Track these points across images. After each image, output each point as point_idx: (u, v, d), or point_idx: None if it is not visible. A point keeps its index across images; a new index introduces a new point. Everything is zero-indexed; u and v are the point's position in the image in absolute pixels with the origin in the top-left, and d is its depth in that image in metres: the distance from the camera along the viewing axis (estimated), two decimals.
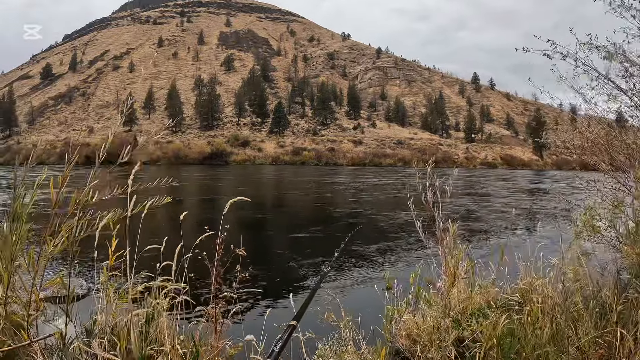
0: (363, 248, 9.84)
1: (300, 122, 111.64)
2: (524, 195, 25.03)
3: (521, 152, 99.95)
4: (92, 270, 3.10)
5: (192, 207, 17.82)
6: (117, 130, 2.11)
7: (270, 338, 2.55)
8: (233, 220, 13.29)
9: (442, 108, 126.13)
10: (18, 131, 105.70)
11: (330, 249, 3.39)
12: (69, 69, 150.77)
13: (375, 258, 9.05)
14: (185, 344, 2.54)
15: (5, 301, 2.09)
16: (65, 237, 1.94)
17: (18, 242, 1.94)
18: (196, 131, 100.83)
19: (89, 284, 5.52)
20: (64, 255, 2.22)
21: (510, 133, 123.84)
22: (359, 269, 8.19)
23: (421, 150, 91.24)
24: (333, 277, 7.58)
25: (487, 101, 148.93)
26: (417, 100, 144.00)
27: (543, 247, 4.84)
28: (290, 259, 8.78)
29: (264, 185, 33.69)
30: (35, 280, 1.93)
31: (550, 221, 7.91)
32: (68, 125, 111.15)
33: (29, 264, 1.93)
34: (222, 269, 2.65)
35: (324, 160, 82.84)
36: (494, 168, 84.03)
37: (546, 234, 6.85)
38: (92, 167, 2.09)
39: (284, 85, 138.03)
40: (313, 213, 17.46)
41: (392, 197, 23.40)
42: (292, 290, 6.76)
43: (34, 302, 2.05)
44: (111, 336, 2.43)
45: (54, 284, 2.22)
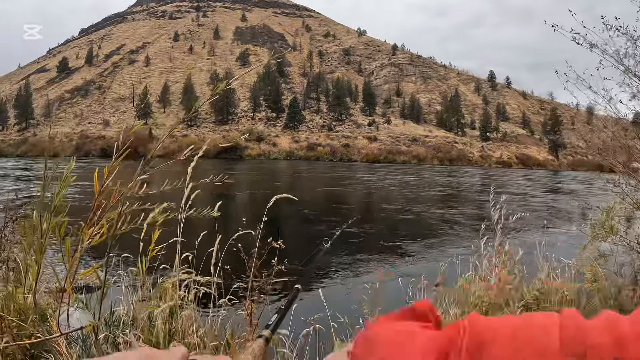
0: (416, 242, 10.13)
1: (315, 117, 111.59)
2: (557, 196, 24.83)
3: (537, 152, 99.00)
4: (119, 263, 3.24)
5: (236, 201, 18.04)
6: (132, 124, 2.01)
7: (297, 332, 2.68)
8: (285, 215, 13.46)
9: (457, 106, 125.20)
10: (34, 124, 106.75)
11: (376, 245, 3.42)
12: (85, 63, 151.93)
13: (423, 253, 9.24)
14: (218, 336, 2.57)
15: (35, 292, 2.10)
16: (105, 228, 1.92)
17: (48, 233, 1.90)
18: (211, 125, 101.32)
19: (113, 276, 5.56)
20: (96, 248, 2.16)
21: (526, 132, 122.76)
22: (405, 263, 8.38)
23: (436, 148, 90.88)
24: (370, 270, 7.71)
25: (503, 99, 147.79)
26: (432, 98, 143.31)
27: (569, 246, 4.87)
28: (338, 255, 8.82)
29: (301, 180, 33.63)
30: (69, 272, 1.91)
31: (579, 220, 7.93)
32: (84, 118, 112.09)
33: (64, 254, 1.87)
34: (258, 261, 2.67)
35: (338, 156, 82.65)
36: (508, 167, 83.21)
37: (575, 234, 6.89)
38: (111, 159, 1.96)
39: (299, 80, 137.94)
40: (365, 210, 17.73)
41: (433, 193, 23.65)
42: (326, 285, 6.85)
43: (66, 293, 2.04)
44: (138, 330, 2.44)
45: (87, 275, 2.16)
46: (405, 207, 17.45)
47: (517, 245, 4.58)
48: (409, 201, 20.09)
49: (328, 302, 3.30)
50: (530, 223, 13.29)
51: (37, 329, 2.21)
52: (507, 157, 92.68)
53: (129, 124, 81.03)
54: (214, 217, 2.44)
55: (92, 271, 2.06)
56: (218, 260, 2.77)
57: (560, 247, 5.34)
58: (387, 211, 16.46)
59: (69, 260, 1.85)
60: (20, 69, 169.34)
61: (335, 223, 11.77)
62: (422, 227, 12.90)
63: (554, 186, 33.05)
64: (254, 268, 2.63)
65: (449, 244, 10.08)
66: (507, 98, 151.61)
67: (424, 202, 19.65)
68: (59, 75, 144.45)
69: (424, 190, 25.41)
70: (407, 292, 3.97)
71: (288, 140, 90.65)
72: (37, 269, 1.96)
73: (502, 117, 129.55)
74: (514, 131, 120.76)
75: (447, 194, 23.40)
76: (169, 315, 2.52)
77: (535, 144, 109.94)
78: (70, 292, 2.05)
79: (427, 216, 15.19)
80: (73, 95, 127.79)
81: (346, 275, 7.67)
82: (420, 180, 35.09)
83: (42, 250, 1.90)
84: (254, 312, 2.58)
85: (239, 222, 3.06)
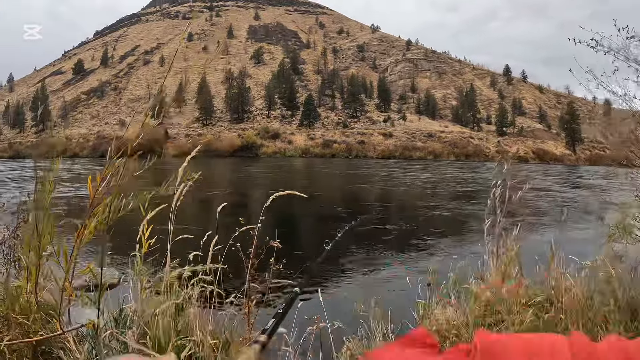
0: (446, 238, 10.47)
1: (330, 114, 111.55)
2: (583, 191, 24.74)
3: (553, 147, 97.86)
4: (126, 261, 3.16)
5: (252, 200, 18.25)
6: (147, 123, 2.14)
7: (300, 332, 2.67)
8: (322, 215, 13.86)
9: (473, 101, 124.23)
10: (51, 125, 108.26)
11: (404, 242, 3.56)
12: (101, 64, 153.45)
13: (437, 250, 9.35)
14: (216, 334, 2.57)
15: (35, 291, 2.13)
16: (95, 220, 1.96)
17: (46, 232, 1.92)
18: (226, 124, 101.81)
19: (121, 273, 5.69)
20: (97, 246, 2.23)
21: (543, 126, 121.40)
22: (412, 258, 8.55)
23: (452, 143, 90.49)
24: (368, 267, 7.88)
25: (519, 94, 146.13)
26: (447, 93, 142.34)
27: (587, 244, 4.99)
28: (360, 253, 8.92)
29: (328, 178, 33.60)
30: (68, 270, 1.94)
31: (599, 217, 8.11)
32: (100, 119, 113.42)
33: (58, 253, 1.93)
34: (256, 260, 2.69)
35: (354, 152, 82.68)
36: (525, 162, 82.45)
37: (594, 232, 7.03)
38: (124, 159, 2.11)
39: (313, 78, 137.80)
40: (401, 207, 18.21)
41: (462, 190, 23.94)
42: (346, 284, 6.92)
43: (65, 291, 2.07)
44: (143, 326, 2.47)
45: (84, 274, 2.19)
46: (439, 204, 17.74)
47: (533, 242, 4.68)
48: (442, 198, 20.38)
49: (333, 301, 3.31)
50: (554, 219, 13.51)
51: (42, 326, 2.26)
52: (523, 152, 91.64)
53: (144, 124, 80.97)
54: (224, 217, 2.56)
55: (88, 270, 2.12)
56: (219, 259, 2.80)
57: (579, 244, 5.41)
58: (423, 208, 16.65)
59: (66, 260, 1.90)
60: (36, 72, 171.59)
61: (377, 221, 11.93)
62: (456, 224, 13.11)
63: (578, 181, 32.70)
64: (250, 268, 2.66)
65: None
66: (523, 92, 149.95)
67: (456, 199, 19.79)
68: (75, 77, 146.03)
69: (452, 187, 25.59)
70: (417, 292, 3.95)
71: (303, 138, 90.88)
72: (35, 269, 1.99)
73: (519, 112, 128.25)
74: (530, 126, 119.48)
75: (475, 190, 23.47)
76: (174, 312, 2.54)
77: (552, 138, 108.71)
78: (69, 291, 2.10)
79: (458, 212, 15.39)
80: (89, 96, 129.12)
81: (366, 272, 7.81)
82: (444, 176, 35.18)
83: (39, 251, 1.94)
84: (251, 311, 2.64)
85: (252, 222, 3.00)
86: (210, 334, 2.49)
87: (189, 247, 2.89)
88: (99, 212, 1.99)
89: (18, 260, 3.03)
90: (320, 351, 2.79)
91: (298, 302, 2.84)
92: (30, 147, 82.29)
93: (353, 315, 3.39)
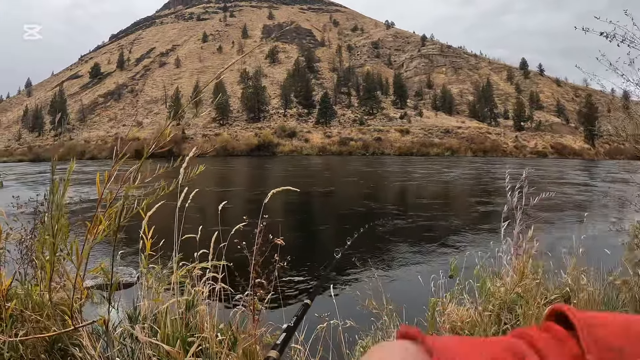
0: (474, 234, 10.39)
1: (346, 112, 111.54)
2: (618, 185, 24.54)
3: (572, 141, 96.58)
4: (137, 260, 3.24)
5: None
6: (164, 124, 2.08)
7: (310, 329, 2.65)
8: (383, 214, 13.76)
9: (489, 95, 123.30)
10: (70, 128, 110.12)
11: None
12: (117, 67, 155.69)
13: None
14: (223, 331, 2.58)
15: (49, 288, 2.17)
16: (105, 225, 1.95)
17: (60, 232, 1.95)
18: (243, 123, 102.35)
19: (138, 272, 5.65)
20: (118, 246, 2.23)
21: (561, 120, 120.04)
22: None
23: (469, 139, 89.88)
24: (381, 264, 7.83)
25: (537, 87, 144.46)
26: (464, 88, 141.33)
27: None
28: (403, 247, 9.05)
29: (365, 176, 33.11)
30: (79, 267, 1.96)
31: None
32: (118, 121, 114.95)
33: (72, 253, 1.93)
34: (260, 258, 2.67)
35: (371, 150, 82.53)
36: (544, 157, 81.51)
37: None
38: (145, 160, 2.13)
39: (329, 75, 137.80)
40: (456, 204, 18.40)
41: (499, 185, 23.97)
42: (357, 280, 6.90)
43: (78, 290, 2.09)
44: (152, 324, 2.52)
45: (96, 272, 2.22)
46: (487, 200, 17.87)
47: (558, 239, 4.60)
48: (490, 194, 20.38)
49: (344, 298, 3.23)
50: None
51: (55, 323, 2.33)
52: (542, 146, 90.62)
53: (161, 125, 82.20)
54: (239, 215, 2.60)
55: (99, 269, 2.16)
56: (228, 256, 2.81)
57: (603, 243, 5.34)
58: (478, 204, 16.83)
59: (78, 257, 1.91)
60: (54, 76, 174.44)
61: (430, 217, 11.92)
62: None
63: (609, 175, 32.24)
64: (254, 265, 2.66)
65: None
66: (541, 86, 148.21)
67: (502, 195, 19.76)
68: (92, 81, 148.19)
69: (491, 184, 25.54)
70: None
71: (320, 136, 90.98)
72: (50, 266, 2.02)
73: (536, 106, 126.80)
74: (548, 120, 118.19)
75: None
76: (185, 309, 2.59)
77: (570, 132, 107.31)
78: (82, 289, 2.13)
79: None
80: (106, 99, 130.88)
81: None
82: (478, 172, 35.18)
83: (53, 249, 1.97)
84: (256, 309, 2.62)
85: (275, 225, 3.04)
86: (217, 330, 2.53)
87: (202, 245, 2.91)
88: (112, 212, 1.98)
89: (35, 260, 3.04)
90: (330, 349, 2.76)
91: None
92: (48, 149, 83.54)
93: (365, 313, 3.36)
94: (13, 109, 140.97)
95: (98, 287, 2.88)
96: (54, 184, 2.03)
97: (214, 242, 2.88)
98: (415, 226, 11.94)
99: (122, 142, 2.00)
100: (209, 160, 59.86)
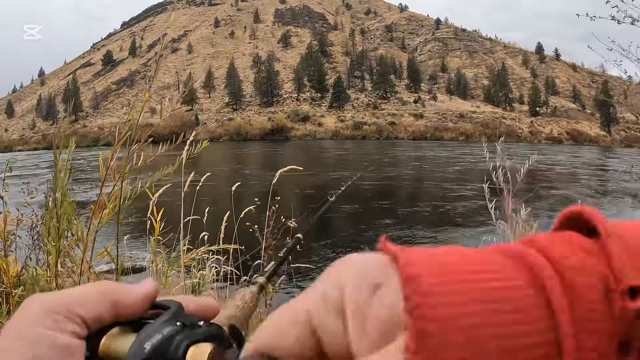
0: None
1: (360, 96, 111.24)
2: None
3: (588, 127, 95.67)
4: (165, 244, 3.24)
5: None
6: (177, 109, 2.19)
7: None
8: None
9: (505, 80, 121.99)
10: (84, 115, 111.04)
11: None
12: (129, 54, 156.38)
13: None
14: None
15: (55, 273, 2.17)
16: (110, 208, 2.00)
17: (64, 217, 1.96)
18: (256, 108, 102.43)
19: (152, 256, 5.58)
20: (128, 231, 2.31)
21: (577, 106, 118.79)
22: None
23: (484, 124, 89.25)
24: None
25: (552, 72, 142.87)
26: (479, 72, 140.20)
27: None
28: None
29: (397, 161, 33.27)
30: (85, 250, 1.98)
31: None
32: (131, 107, 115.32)
33: (80, 238, 1.97)
34: (272, 241, 2.74)
35: (384, 134, 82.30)
36: (559, 143, 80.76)
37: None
38: (158, 146, 2.24)
39: (342, 59, 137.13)
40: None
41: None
42: None
43: (84, 274, 2.13)
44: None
45: (101, 256, 2.23)
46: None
47: None
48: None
49: None
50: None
51: None
52: (557, 132, 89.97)
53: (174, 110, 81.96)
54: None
55: (105, 253, 2.19)
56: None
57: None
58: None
59: (83, 243, 1.95)
60: (66, 65, 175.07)
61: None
62: None
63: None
64: (264, 246, 2.73)
65: None
66: (557, 71, 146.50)
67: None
68: (105, 68, 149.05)
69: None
70: None
71: (334, 120, 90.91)
72: (55, 251, 2.02)
73: (552, 91, 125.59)
74: (564, 105, 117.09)
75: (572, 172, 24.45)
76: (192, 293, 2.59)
77: (586, 118, 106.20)
78: (88, 274, 2.18)
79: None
80: (119, 86, 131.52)
81: None
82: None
83: (58, 233, 1.97)
84: (268, 292, 2.65)
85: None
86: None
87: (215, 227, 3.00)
88: (116, 194, 2.09)
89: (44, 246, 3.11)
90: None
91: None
92: (52, 136, 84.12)
93: None
94: (27, 98, 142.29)
95: (111, 273, 2.92)
96: (57, 168, 2.08)
97: (225, 223, 2.98)
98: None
99: (131, 128, 2.15)
100: (222, 145, 59.82)
